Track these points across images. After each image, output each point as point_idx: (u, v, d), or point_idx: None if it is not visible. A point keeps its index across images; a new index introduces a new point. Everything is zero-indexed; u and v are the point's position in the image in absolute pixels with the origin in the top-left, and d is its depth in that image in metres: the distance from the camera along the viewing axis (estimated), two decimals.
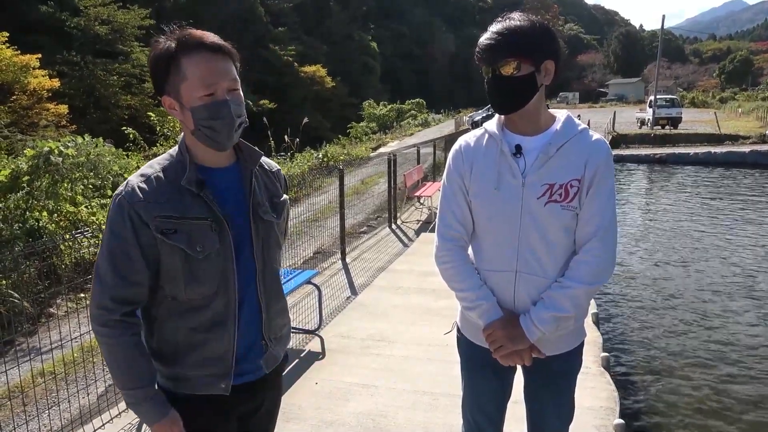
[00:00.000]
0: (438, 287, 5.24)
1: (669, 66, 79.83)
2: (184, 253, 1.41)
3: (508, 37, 1.62)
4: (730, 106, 41.24)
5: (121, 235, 1.39)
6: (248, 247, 1.51)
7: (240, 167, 1.54)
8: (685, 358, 5.27)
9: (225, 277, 1.46)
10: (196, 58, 1.36)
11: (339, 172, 7.23)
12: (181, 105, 1.40)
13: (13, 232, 5.86)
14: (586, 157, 1.68)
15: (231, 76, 1.41)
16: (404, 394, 3.56)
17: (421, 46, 76.45)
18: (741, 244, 9.30)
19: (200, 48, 1.37)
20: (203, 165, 1.47)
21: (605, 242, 1.68)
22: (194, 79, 1.36)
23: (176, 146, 1.50)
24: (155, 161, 1.48)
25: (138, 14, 29.07)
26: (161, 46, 1.39)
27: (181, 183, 1.41)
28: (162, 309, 1.47)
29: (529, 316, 1.70)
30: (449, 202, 1.81)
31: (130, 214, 1.38)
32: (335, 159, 15.33)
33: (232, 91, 1.41)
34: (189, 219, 1.41)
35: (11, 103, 18.64)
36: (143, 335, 1.50)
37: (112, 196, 6.41)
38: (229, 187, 1.50)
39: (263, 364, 1.58)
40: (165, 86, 1.41)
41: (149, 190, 1.40)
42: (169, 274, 1.43)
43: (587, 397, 3.42)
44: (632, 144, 24.56)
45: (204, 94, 1.37)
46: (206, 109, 1.38)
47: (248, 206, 1.51)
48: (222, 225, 1.44)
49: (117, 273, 1.40)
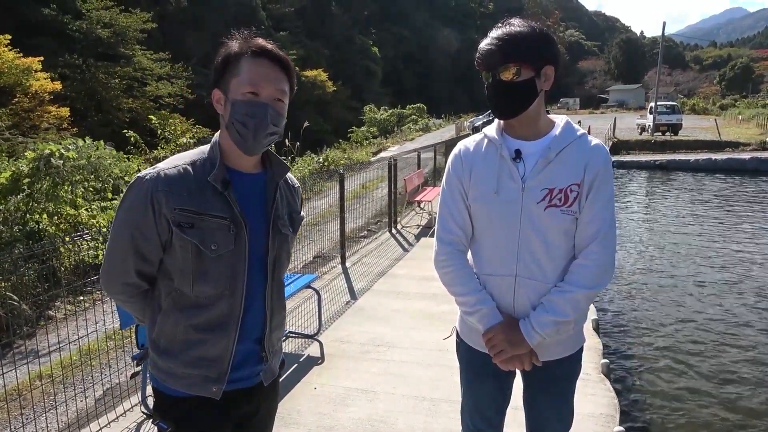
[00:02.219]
0: (438, 292, 5.23)
1: (669, 72, 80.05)
2: (197, 249, 1.42)
3: (508, 42, 1.62)
4: (731, 113, 41.29)
5: (142, 218, 1.41)
6: (262, 256, 1.52)
7: (267, 178, 1.56)
8: (686, 365, 5.25)
9: (234, 281, 1.47)
10: (254, 60, 1.43)
11: (339, 176, 7.23)
12: (226, 98, 1.45)
13: (13, 235, 5.87)
14: (585, 162, 1.68)
15: (279, 87, 1.46)
16: (404, 400, 3.55)
17: (423, 50, 76.67)
18: (742, 251, 9.28)
19: (262, 54, 1.44)
20: (232, 167, 1.49)
21: (605, 246, 1.68)
22: (245, 76, 1.43)
23: (208, 144, 1.53)
24: (187, 154, 1.51)
25: (140, 18, 29.12)
26: (227, 47, 1.46)
27: (207, 179, 1.44)
28: (168, 300, 1.48)
29: (529, 320, 1.70)
30: (449, 207, 1.81)
31: (152, 199, 1.40)
32: (336, 163, 15.36)
33: (276, 100, 1.46)
34: (208, 216, 1.43)
35: (13, 105, 18.68)
36: (147, 327, 1.55)
37: (112, 197, 6.40)
38: (252, 193, 1.52)
39: (262, 376, 1.59)
40: (219, 81, 1.47)
41: (175, 180, 1.42)
42: (179, 266, 1.45)
43: (587, 403, 3.41)
44: (633, 150, 24.61)
45: (248, 91, 1.42)
46: (245, 104, 1.42)
47: (269, 216, 1.53)
48: (240, 227, 1.46)
49: (137, 252, 1.44)
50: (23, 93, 18.84)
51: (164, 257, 1.47)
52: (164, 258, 1.47)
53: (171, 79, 29.50)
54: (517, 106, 1.67)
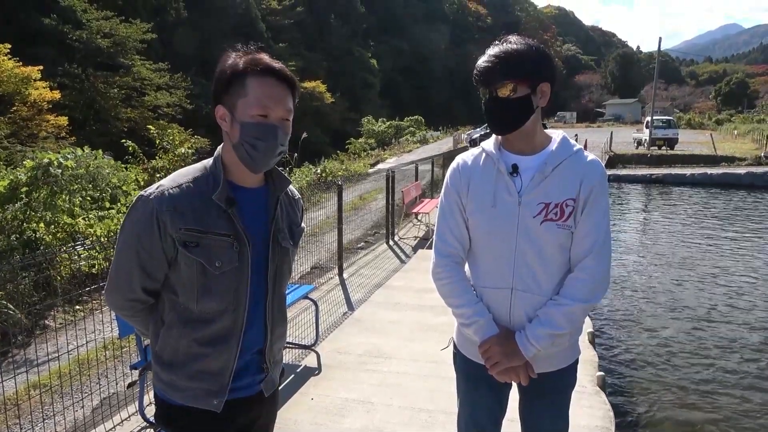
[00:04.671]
0: (435, 303, 5.24)
1: (666, 87, 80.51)
2: (201, 267, 1.44)
3: (504, 60, 1.66)
4: (726, 128, 41.56)
5: (147, 237, 1.42)
6: (263, 270, 1.54)
7: (268, 191, 1.58)
8: (682, 378, 5.27)
9: (237, 295, 1.48)
10: (261, 80, 1.42)
11: (338, 187, 7.26)
12: (233, 118, 1.44)
13: (10, 243, 5.87)
14: (581, 177, 1.71)
15: (287, 107, 1.46)
16: (400, 411, 3.55)
17: (421, 62, 77.12)
18: (737, 265, 9.33)
19: (268, 73, 1.43)
20: (234, 182, 1.50)
21: (599, 260, 1.71)
22: (254, 97, 1.41)
23: (210, 159, 1.53)
24: (189, 170, 1.51)
25: (140, 28, 29.26)
26: (230, 61, 1.44)
27: (211, 197, 1.44)
28: (172, 314, 1.50)
29: (525, 332, 1.72)
30: (446, 219, 1.84)
31: (157, 219, 1.41)
32: (334, 174, 15.39)
33: (283, 120, 1.46)
34: (212, 234, 1.44)
35: (11, 114, 18.69)
36: (150, 340, 1.57)
37: (110, 207, 6.40)
38: (254, 208, 1.53)
39: (263, 387, 1.60)
40: (223, 97, 1.46)
41: (179, 199, 1.43)
42: (183, 283, 1.46)
43: (583, 416, 3.41)
44: (629, 164, 24.75)
45: (258, 114, 1.42)
46: (256, 127, 1.42)
47: (269, 230, 1.54)
48: (243, 244, 1.47)
49: (143, 270, 1.46)
50: (22, 102, 18.85)
51: (169, 273, 1.48)
52: (169, 274, 1.48)
53: (170, 89, 29.60)
54: (513, 122, 1.71)
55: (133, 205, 1.46)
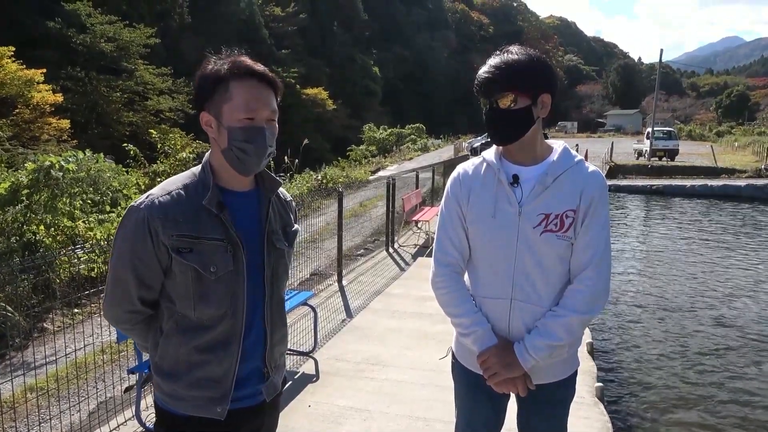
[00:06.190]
0: (434, 312, 5.23)
1: (667, 99, 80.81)
2: (196, 273, 1.44)
3: (505, 71, 1.66)
4: (727, 140, 41.68)
5: (141, 246, 1.43)
6: (259, 273, 1.53)
7: (259, 194, 1.58)
8: (681, 390, 5.25)
9: (235, 300, 1.48)
10: (244, 84, 1.43)
11: (338, 194, 7.26)
12: (219, 123, 1.45)
13: (10, 246, 5.87)
14: (581, 189, 1.71)
15: (272, 107, 1.48)
16: (398, 419, 3.54)
17: (423, 70, 77.44)
18: (736, 277, 9.31)
19: (250, 75, 1.44)
20: (224, 187, 1.50)
21: (599, 272, 1.71)
22: (239, 102, 1.42)
23: (199, 165, 1.53)
24: (178, 178, 1.51)
25: (144, 33, 29.38)
26: (212, 67, 1.45)
27: (201, 203, 1.44)
28: (170, 323, 1.49)
29: (524, 343, 1.72)
30: (446, 229, 1.84)
31: (149, 227, 1.41)
32: (334, 181, 15.40)
33: (269, 121, 1.47)
34: (205, 239, 1.44)
35: (14, 116, 18.76)
36: (149, 350, 1.57)
37: (110, 210, 6.40)
38: (246, 211, 1.53)
39: (264, 392, 1.59)
40: (206, 103, 1.46)
41: (169, 207, 1.43)
42: (180, 291, 1.46)
43: (581, 427, 3.40)
44: (629, 175, 24.76)
45: (244, 117, 1.43)
46: (243, 131, 1.43)
47: (263, 233, 1.54)
48: (237, 247, 1.47)
49: (140, 281, 1.46)
50: (24, 104, 18.92)
51: (165, 281, 1.48)
52: (165, 282, 1.48)
53: (172, 93, 29.71)
54: (514, 132, 1.71)
55: (124, 216, 1.46)
